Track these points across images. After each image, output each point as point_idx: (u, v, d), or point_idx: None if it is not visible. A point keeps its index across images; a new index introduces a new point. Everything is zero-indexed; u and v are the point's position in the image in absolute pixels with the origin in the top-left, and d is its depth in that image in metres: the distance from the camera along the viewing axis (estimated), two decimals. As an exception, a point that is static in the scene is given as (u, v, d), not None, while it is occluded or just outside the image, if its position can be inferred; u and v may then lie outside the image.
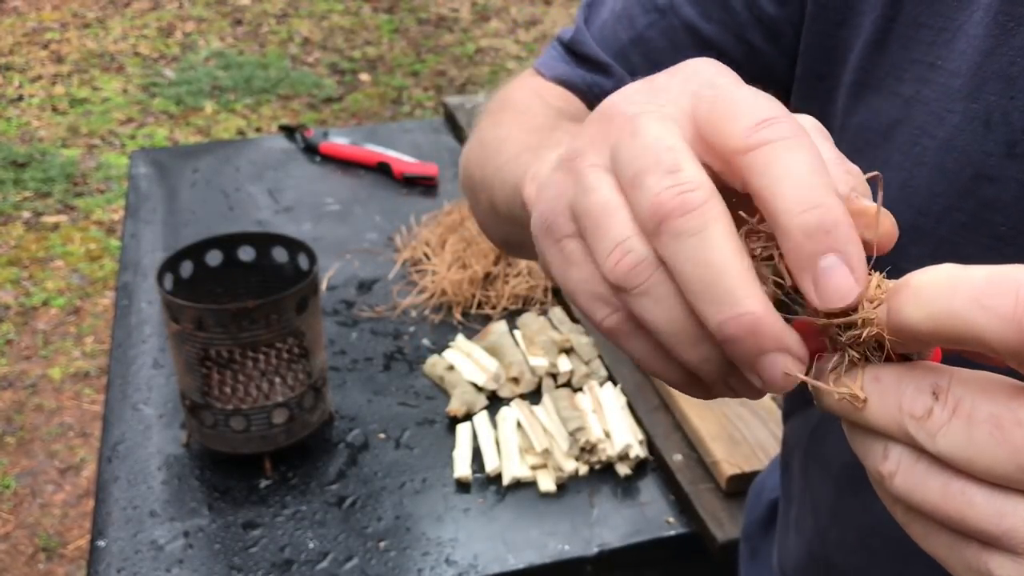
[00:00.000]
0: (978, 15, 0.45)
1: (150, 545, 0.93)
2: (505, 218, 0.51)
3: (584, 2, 0.65)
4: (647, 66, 0.59)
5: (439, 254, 1.34)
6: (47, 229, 2.94)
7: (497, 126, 0.57)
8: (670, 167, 0.29)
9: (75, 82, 3.89)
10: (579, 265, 0.32)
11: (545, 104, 0.60)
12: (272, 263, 1.07)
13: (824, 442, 0.60)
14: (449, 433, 1.08)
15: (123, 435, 1.06)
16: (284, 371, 1.03)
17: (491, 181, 0.53)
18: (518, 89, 0.64)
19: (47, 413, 2.27)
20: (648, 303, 0.30)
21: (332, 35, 4.44)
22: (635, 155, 0.30)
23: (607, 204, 0.31)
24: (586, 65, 0.62)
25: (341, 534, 0.95)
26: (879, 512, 0.55)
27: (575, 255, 0.33)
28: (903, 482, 0.27)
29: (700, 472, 1.00)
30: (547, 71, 0.64)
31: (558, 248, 0.33)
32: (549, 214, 0.34)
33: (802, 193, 0.27)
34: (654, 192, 0.29)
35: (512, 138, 0.52)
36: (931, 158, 0.47)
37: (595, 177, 0.32)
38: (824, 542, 0.61)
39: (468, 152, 0.61)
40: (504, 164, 0.50)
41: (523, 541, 0.94)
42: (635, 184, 0.30)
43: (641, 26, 0.59)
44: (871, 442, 0.28)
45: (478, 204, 0.59)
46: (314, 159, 1.66)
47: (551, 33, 4.55)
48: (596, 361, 1.18)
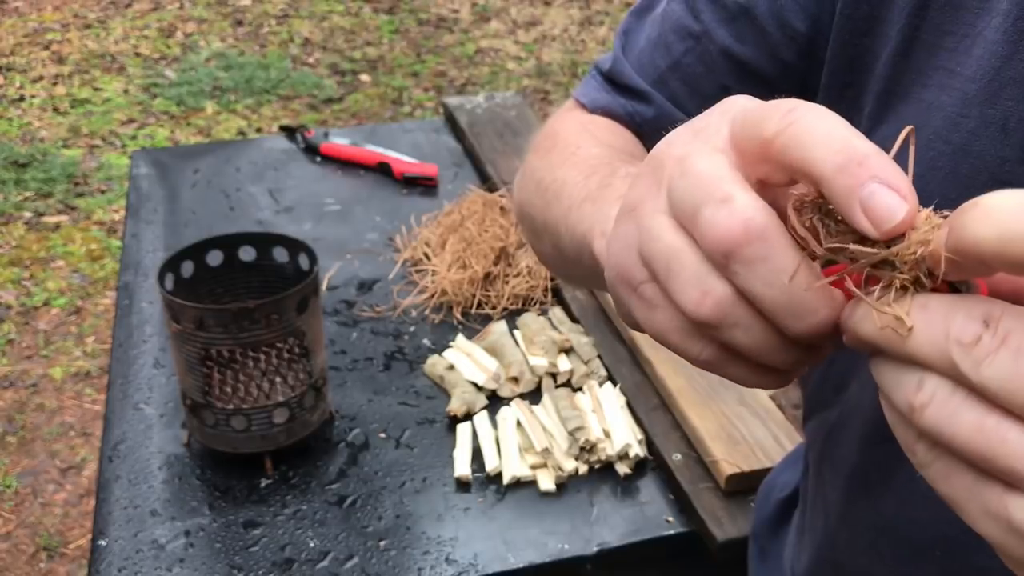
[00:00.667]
0: (996, 21, 0.45)
1: (151, 544, 0.93)
2: (572, 261, 0.53)
3: (620, 30, 0.66)
4: (686, 91, 0.60)
5: (439, 254, 1.34)
6: (48, 229, 2.95)
7: (553, 168, 0.58)
8: (722, 197, 0.30)
9: (76, 82, 3.90)
10: (661, 308, 0.34)
11: (595, 140, 0.60)
12: (273, 263, 1.07)
13: (838, 444, 0.60)
14: (449, 432, 1.08)
15: (124, 435, 1.06)
16: (285, 371, 1.04)
17: (555, 227, 0.54)
18: (565, 124, 0.65)
19: (48, 413, 2.27)
20: (738, 332, 0.32)
21: (332, 36, 4.45)
22: (687, 193, 0.32)
23: (672, 247, 0.32)
24: (626, 94, 0.63)
25: (341, 533, 0.95)
26: (888, 514, 0.55)
27: (655, 299, 0.34)
28: (935, 414, 0.27)
29: (699, 471, 1.00)
30: (588, 102, 0.65)
31: (636, 296, 0.35)
32: (620, 267, 0.35)
33: (830, 140, 0.28)
34: (712, 225, 0.30)
35: (571, 182, 0.53)
36: (945, 163, 0.47)
37: (657, 223, 0.33)
38: (833, 544, 0.61)
39: (524, 192, 0.62)
40: (567, 211, 0.51)
41: (523, 540, 0.95)
42: (694, 221, 0.31)
43: (678, 53, 0.60)
44: (905, 373, 0.28)
45: (540, 244, 0.60)
46: (315, 159, 1.66)
47: (551, 34, 4.56)
48: (596, 361, 1.18)
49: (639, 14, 0.66)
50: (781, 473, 0.80)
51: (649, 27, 0.63)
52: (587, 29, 4.63)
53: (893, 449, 0.53)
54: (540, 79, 4.12)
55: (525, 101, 1.87)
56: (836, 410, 0.59)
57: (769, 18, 0.55)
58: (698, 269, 0.32)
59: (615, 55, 0.65)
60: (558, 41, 4.49)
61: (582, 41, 4.51)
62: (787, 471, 0.79)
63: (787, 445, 1.01)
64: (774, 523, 0.77)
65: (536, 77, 4.13)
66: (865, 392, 0.55)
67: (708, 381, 1.10)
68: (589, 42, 4.50)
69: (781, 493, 0.77)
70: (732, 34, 0.57)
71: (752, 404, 1.07)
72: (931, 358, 0.27)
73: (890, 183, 0.27)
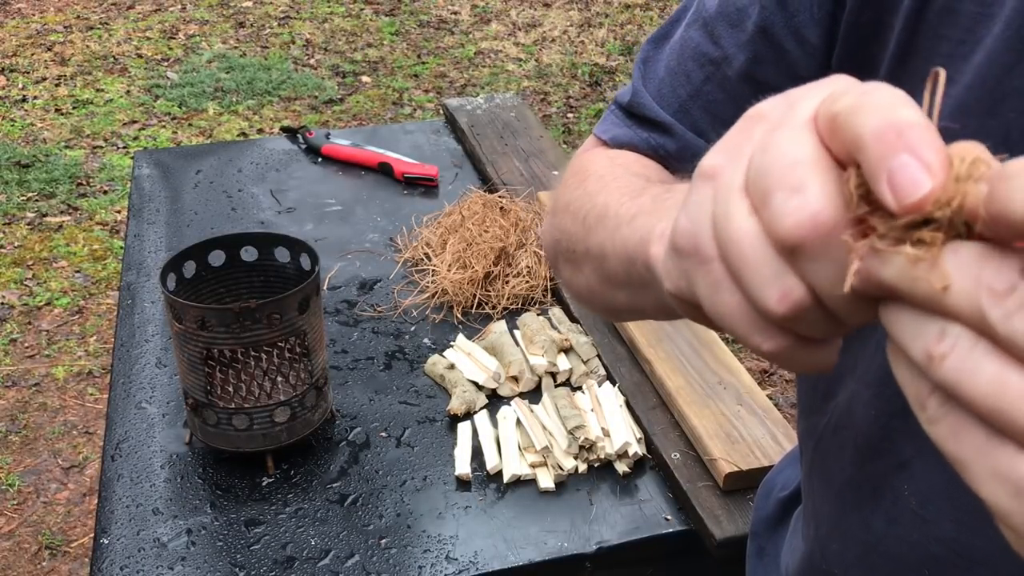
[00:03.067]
0: (998, 28, 0.44)
1: (153, 543, 0.94)
2: (620, 283, 0.50)
3: (639, 59, 0.65)
4: (708, 119, 0.60)
5: (440, 254, 1.35)
6: (51, 229, 2.96)
7: (592, 196, 0.56)
8: (795, 185, 0.29)
9: (79, 84, 3.91)
10: (728, 292, 0.32)
11: (630, 171, 0.59)
12: (274, 263, 1.08)
13: (827, 456, 0.59)
14: (450, 431, 1.09)
15: (126, 433, 1.07)
16: (286, 370, 1.04)
17: (600, 250, 0.52)
18: (592, 160, 0.64)
19: (51, 412, 2.28)
20: (811, 325, 0.31)
21: (334, 37, 4.45)
22: (765, 172, 0.30)
23: (747, 235, 0.31)
24: (647, 127, 0.62)
25: (343, 531, 0.96)
26: (878, 531, 0.55)
27: (722, 282, 0.32)
28: (954, 365, 0.26)
29: (698, 470, 1.01)
30: (610, 138, 0.65)
31: (704, 272, 0.33)
32: (692, 235, 0.34)
33: (879, 108, 0.27)
34: (780, 216, 0.29)
35: (616, 204, 0.52)
36: None
37: (733, 202, 0.32)
38: (824, 553, 0.61)
39: (559, 227, 0.61)
40: (615, 230, 0.50)
41: (523, 538, 0.95)
42: (765, 203, 0.30)
43: (698, 81, 0.59)
44: (925, 322, 0.27)
45: (579, 275, 0.58)
46: (316, 160, 1.67)
47: (550, 36, 4.56)
48: (595, 360, 1.18)
49: (657, 42, 0.65)
50: (781, 472, 0.80)
51: (668, 55, 0.62)
52: (587, 31, 4.64)
53: (883, 467, 0.54)
54: (540, 80, 4.13)
55: (525, 102, 1.88)
56: (824, 418, 0.59)
57: (787, 34, 0.54)
58: (775, 266, 0.30)
59: (634, 86, 0.64)
60: (558, 43, 4.50)
61: (581, 43, 4.51)
62: (787, 470, 0.79)
63: (785, 444, 1.01)
64: (773, 522, 0.77)
65: (536, 79, 4.14)
66: (855, 406, 0.55)
67: (706, 380, 1.11)
68: (588, 44, 4.50)
69: (781, 492, 0.77)
70: (751, 56, 0.56)
71: (750, 403, 1.07)
72: (958, 305, 0.25)
73: (923, 158, 0.26)
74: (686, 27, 0.61)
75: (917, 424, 0.53)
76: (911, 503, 0.53)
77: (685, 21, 0.62)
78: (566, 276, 0.62)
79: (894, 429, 0.52)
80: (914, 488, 0.52)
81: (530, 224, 1.37)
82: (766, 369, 2.51)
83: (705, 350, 1.16)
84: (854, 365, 0.55)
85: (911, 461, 0.52)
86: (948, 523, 0.51)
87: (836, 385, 0.57)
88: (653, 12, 4.90)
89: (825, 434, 0.60)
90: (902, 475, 0.53)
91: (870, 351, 0.53)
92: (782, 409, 2.34)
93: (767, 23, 0.55)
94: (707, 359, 1.14)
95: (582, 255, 0.56)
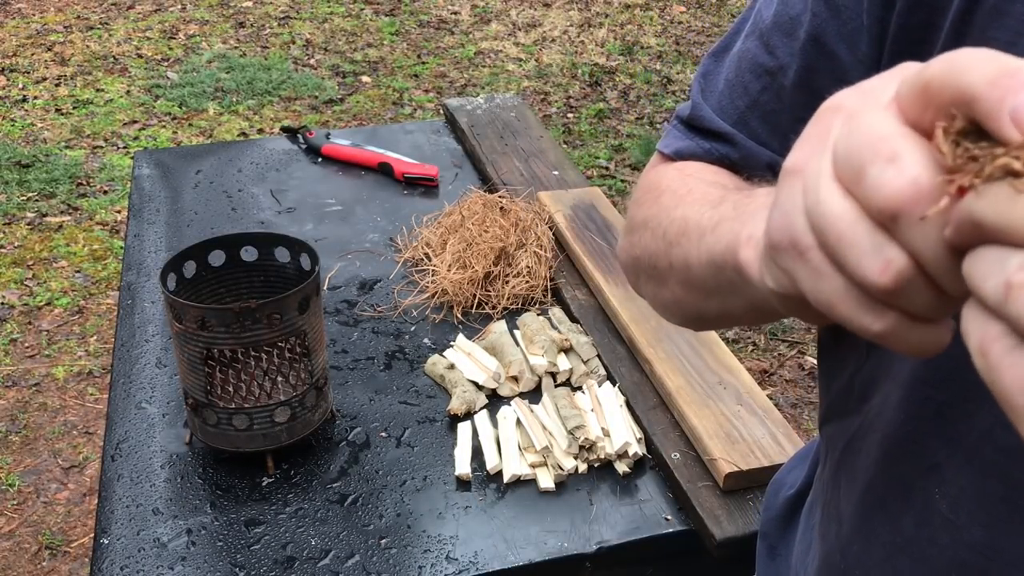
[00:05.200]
0: None
1: (153, 543, 0.94)
2: (709, 291, 0.51)
3: (698, 73, 0.66)
4: (767, 129, 0.60)
5: (440, 254, 1.35)
6: (51, 229, 2.96)
7: (670, 210, 0.57)
8: (889, 155, 0.30)
9: (79, 84, 3.91)
10: (829, 277, 0.33)
11: (704, 180, 0.60)
12: (274, 263, 1.08)
13: (857, 454, 0.59)
14: (450, 431, 1.09)
15: (126, 433, 1.07)
16: (286, 370, 1.04)
17: (684, 262, 0.52)
18: (662, 175, 0.64)
19: (51, 412, 2.28)
20: (917, 297, 0.31)
21: (334, 37, 4.45)
22: (854, 151, 0.31)
23: (842, 214, 0.31)
24: (709, 137, 0.63)
25: (343, 531, 0.96)
26: (907, 533, 0.55)
27: (822, 267, 0.33)
28: None
29: (698, 470, 1.01)
30: (673, 152, 0.66)
31: (803, 262, 0.33)
32: (786, 230, 0.34)
33: (983, 62, 0.28)
34: (879, 185, 0.29)
35: (696, 215, 0.52)
36: None
37: (823, 187, 0.32)
38: (844, 554, 0.61)
39: (638, 245, 0.61)
40: (700, 239, 0.50)
41: (523, 538, 0.95)
42: (859, 179, 0.30)
43: (755, 92, 0.60)
44: (1008, 255, 0.27)
45: (663, 290, 0.58)
46: (316, 160, 1.67)
47: (550, 36, 4.56)
48: (595, 360, 1.18)
49: (717, 56, 0.65)
50: (790, 471, 0.80)
51: (727, 69, 0.63)
52: (587, 31, 4.64)
53: (913, 469, 0.53)
54: (540, 81, 4.13)
55: (525, 102, 1.88)
56: (858, 419, 0.59)
57: (839, 43, 0.54)
58: (873, 238, 0.30)
59: (693, 100, 0.65)
60: (558, 43, 4.50)
61: (581, 43, 4.51)
62: (796, 469, 0.78)
63: (785, 444, 1.01)
64: (783, 521, 0.77)
65: (536, 79, 4.14)
66: (887, 408, 0.55)
67: (706, 380, 1.11)
68: (588, 44, 4.51)
69: (790, 491, 0.77)
70: (804, 64, 0.56)
71: (750, 403, 1.07)
72: None
73: None
74: (744, 39, 0.62)
75: (949, 427, 0.51)
76: (941, 507, 0.52)
77: (744, 32, 0.62)
78: (649, 292, 0.62)
79: (925, 432, 0.52)
80: (944, 492, 0.52)
81: (530, 224, 1.37)
82: (766, 369, 2.51)
83: (705, 350, 1.16)
84: (890, 366, 0.55)
85: (942, 464, 0.52)
86: (979, 528, 0.51)
87: (871, 388, 0.57)
88: (653, 12, 4.90)
89: (857, 435, 0.59)
90: (932, 478, 0.52)
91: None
92: (782, 409, 2.34)
93: (819, 31, 0.55)
94: (707, 359, 1.14)
95: (665, 270, 0.56)
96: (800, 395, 2.43)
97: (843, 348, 0.61)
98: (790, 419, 2.32)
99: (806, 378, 2.49)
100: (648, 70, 4.26)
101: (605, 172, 3.41)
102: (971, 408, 0.49)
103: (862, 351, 0.58)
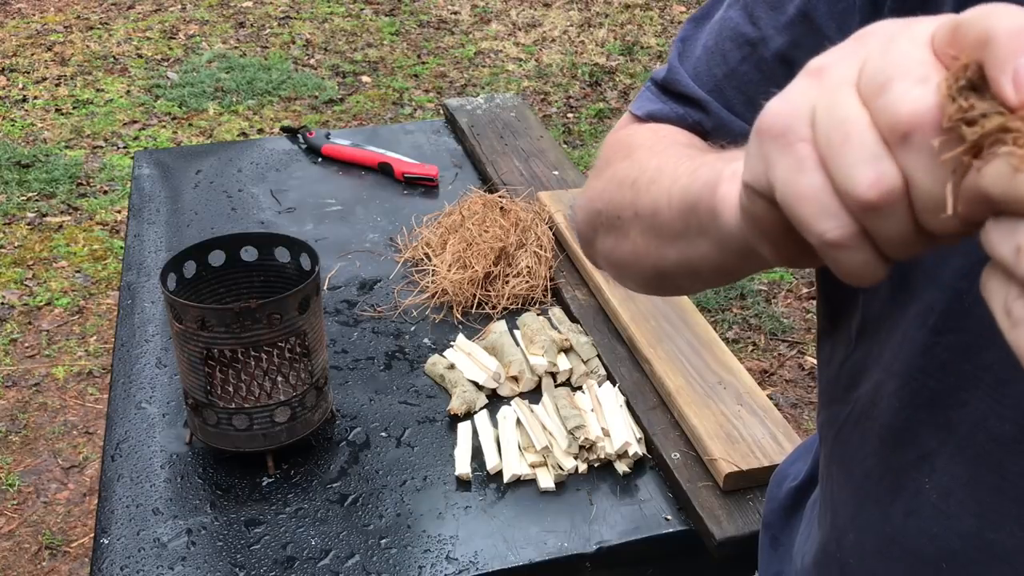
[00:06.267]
0: None
1: (153, 542, 0.94)
2: (674, 235, 0.50)
3: (677, 38, 0.66)
4: (743, 99, 0.60)
5: (440, 254, 1.35)
6: (51, 229, 2.96)
7: (643, 162, 0.56)
8: (921, 76, 0.30)
9: (79, 84, 3.91)
10: (810, 174, 0.32)
11: (674, 142, 0.59)
12: (274, 263, 1.08)
13: (847, 446, 0.59)
14: (450, 431, 1.09)
15: (127, 433, 1.07)
16: (286, 370, 1.04)
17: (654, 207, 0.52)
18: (633, 133, 0.64)
19: (51, 412, 2.28)
20: (888, 221, 0.31)
21: (334, 37, 4.46)
22: (887, 66, 0.31)
23: (854, 118, 0.31)
24: (682, 102, 0.63)
25: (343, 531, 0.96)
26: (897, 523, 0.55)
27: (807, 163, 0.32)
28: None
29: (698, 470, 1.01)
30: (644, 114, 0.65)
31: (789, 151, 0.33)
32: (781, 116, 0.34)
33: (1013, 13, 0.28)
34: (901, 100, 0.29)
35: (673, 163, 0.51)
36: None
37: (843, 91, 0.32)
38: (840, 544, 0.61)
39: (598, 198, 0.60)
40: (672, 184, 0.49)
41: (523, 538, 0.95)
42: (883, 91, 0.30)
43: (734, 61, 0.60)
44: (1019, 224, 0.27)
45: (623, 241, 0.57)
46: (316, 160, 1.67)
47: (550, 36, 4.56)
48: (595, 360, 1.19)
49: (697, 21, 0.65)
50: (793, 463, 0.80)
51: (706, 35, 0.63)
52: (587, 31, 4.64)
53: (905, 459, 0.53)
54: (540, 80, 4.13)
55: (525, 102, 1.88)
56: (847, 408, 0.59)
57: (829, 21, 0.54)
58: (875, 149, 0.30)
59: (671, 63, 0.65)
60: (558, 43, 4.50)
61: (581, 43, 4.51)
62: (799, 461, 0.78)
63: (785, 444, 1.01)
64: (786, 512, 0.77)
65: (536, 79, 4.14)
66: (879, 397, 0.55)
67: (706, 380, 1.11)
68: (588, 44, 4.51)
69: (793, 482, 0.77)
70: (790, 40, 0.56)
71: (750, 403, 1.07)
72: None
73: None
74: (727, 7, 0.62)
75: (942, 416, 0.51)
76: (932, 496, 0.52)
77: (727, 2, 0.62)
78: (606, 247, 0.61)
79: (918, 421, 0.52)
80: (936, 481, 0.52)
81: (530, 224, 1.37)
82: (766, 369, 2.52)
83: (705, 350, 1.16)
84: (880, 355, 0.55)
85: (934, 454, 0.52)
86: (969, 518, 0.51)
87: (860, 376, 0.57)
88: (653, 12, 4.90)
89: (847, 424, 0.59)
90: (924, 467, 0.53)
91: (897, 340, 0.53)
92: (782, 409, 2.34)
93: (810, 8, 0.55)
94: (707, 359, 1.14)
95: (629, 219, 0.56)
96: (800, 395, 2.43)
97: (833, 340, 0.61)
98: (790, 419, 2.32)
99: (806, 378, 2.49)
100: (648, 70, 4.26)
101: (605, 172, 3.41)
102: (965, 397, 0.49)
103: (851, 341, 0.58)
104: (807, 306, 2.75)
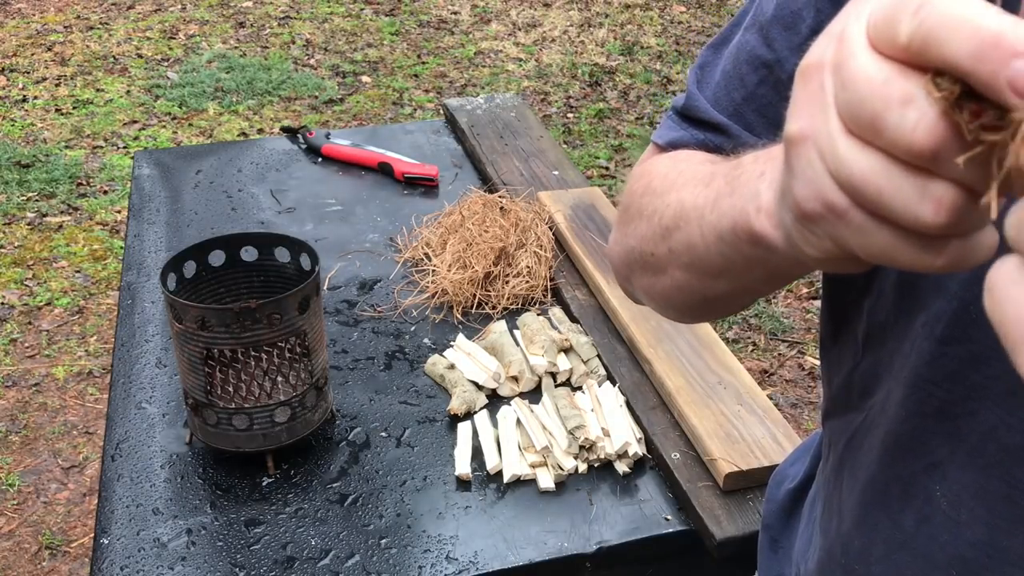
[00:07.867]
0: None
1: (153, 542, 0.94)
2: (719, 271, 0.49)
3: (695, 65, 0.66)
4: (763, 122, 0.60)
5: (440, 254, 1.35)
6: (51, 229, 2.96)
7: (662, 197, 0.56)
8: (901, 98, 0.29)
9: (79, 84, 3.91)
10: (877, 231, 0.32)
11: (690, 162, 0.59)
12: (274, 263, 1.08)
13: (859, 451, 0.59)
14: (450, 431, 1.09)
15: (127, 433, 1.07)
16: (286, 370, 1.05)
17: (688, 245, 0.51)
18: (653, 165, 0.64)
19: (51, 412, 2.28)
20: (971, 220, 0.30)
21: (334, 37, 4.46)
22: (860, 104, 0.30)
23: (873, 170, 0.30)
24: (703, 128, 0.63)
25: (343, 531, 0.96)
26: (909, 529, 0.55)
27: (867, 224, 0.32)
28: None
29: (698, 470, 1.01)
30: (665, 142, 0.66)
31: (845, 223, 0.33)
32: (816, 199, 0.33)
33: (960, 30, 0.27)
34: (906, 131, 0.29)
35: (691, 196, 0.51)
36: None
37: (842, 147, 0.31)
38: (846, 549, 0.61)
39: (631, 235, 0.60)
40: (700, 220, 0.49)
41: (523, 538, 0.95)
42: (879, 129, 0.30)
43: (752, 84, 0.60)
44: None
45: (662, 278, 0.57)
46: (316, 160, 1.67)
47: (550, 36, 4.56)
48: (595, 360, 1.19)
49: (716, 48, 0.65)
50: (792, 464, 0.80)
51: (724, 60, 0.63)
52: (587, 31, 4.64)
53: (915, 467, 0.53)
54: (540, 80, 4.13)
55: (525, 102, 1.88)
56: (861, 415, 0.59)
57: None
58: (914, 182, 0.30)
59: (689, 91, 0.65)
60: (558, 43, 4.50)
61: (581, 43, 4.52)
62: (798, 462, 0.78)
63: (785, 444, 1.01)
64: (785, 513, 0.77)
65: (536, 79, 4.14)
66: (890, 405, 0.55)
67: (706, 380, 1.11)
68: (588, 44, 4.51)
69: (792, 483, 0.77)
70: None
71: (750, 403, 1.07)
72: None
73: None
74: (744, 31, 0.62)
75: (952, 426, 0.51)
76: (942, 504, 0.53)
77: (744, 25, 0.62)
78: (645, 284, 0.61)
79: (927, 430, 0.52)
80: (946, 490, 0.52)
81: (530, 224, 1.37)
82: (766, 369, 2.52)
83: (705, 350, 1.16)
84: (891, 363, 0.55)
85: (944, 463, 0.52)
86: (980, 526, 0.51)
87: (874, 383, 0.57)
88: (653, 12, 4.90)
89: (859, 431, 0.59)
90: (934, 476, 0.53)
91: (906, 350, 0.53)
92: (782, 409, 2.34)
93: (822, 27, 0.54)
94: (707, 359, 1.14)
95: (664, 256, 0.55)
96: (800, 395, 2.43)
97: (840, 345, 0.61)
98: (790, 419, 2.32)
99: (806, 378, 2.49)
100: (648, 70, 4.26)
101: (605, 172, 3.41)
102: (974, 407, 0.49)
103: (858, 348, 0.58)
104: (807, 306, 2.75)
